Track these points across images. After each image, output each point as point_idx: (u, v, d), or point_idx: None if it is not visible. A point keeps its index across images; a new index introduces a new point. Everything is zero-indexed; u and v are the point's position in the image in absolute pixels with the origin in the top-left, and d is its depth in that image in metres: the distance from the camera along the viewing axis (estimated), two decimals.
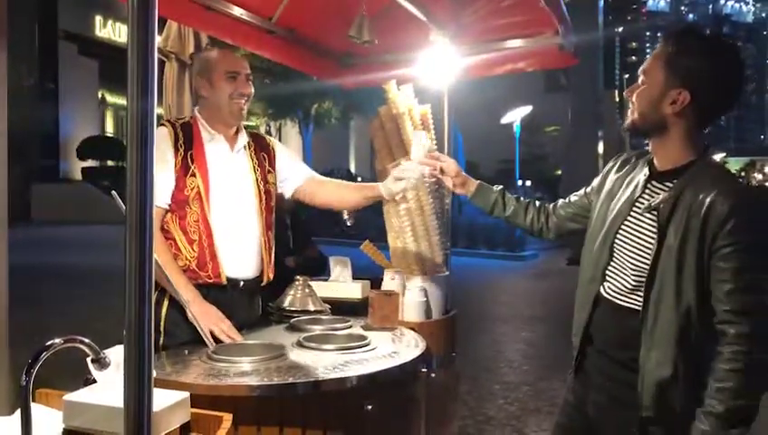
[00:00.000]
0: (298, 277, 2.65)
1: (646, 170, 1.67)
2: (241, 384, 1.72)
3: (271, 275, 2.44)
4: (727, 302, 1.46)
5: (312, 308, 2.56)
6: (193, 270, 2.23)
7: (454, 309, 2.79)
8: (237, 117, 2.33)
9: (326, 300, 2.69)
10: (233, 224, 2.29)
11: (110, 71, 23.47)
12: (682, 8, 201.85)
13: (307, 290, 2.61)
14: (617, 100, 35.41)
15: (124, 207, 0.97)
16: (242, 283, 2.33)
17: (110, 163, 22.13)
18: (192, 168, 2.23)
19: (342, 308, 2.70)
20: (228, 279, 2.28)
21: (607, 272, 1.70)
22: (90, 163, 22.28)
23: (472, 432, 4.13)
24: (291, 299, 2.58)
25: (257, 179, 2.39)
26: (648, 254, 1.58)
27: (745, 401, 1.45)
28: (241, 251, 2.32)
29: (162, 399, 1.33)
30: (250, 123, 25.04)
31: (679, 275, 1.52)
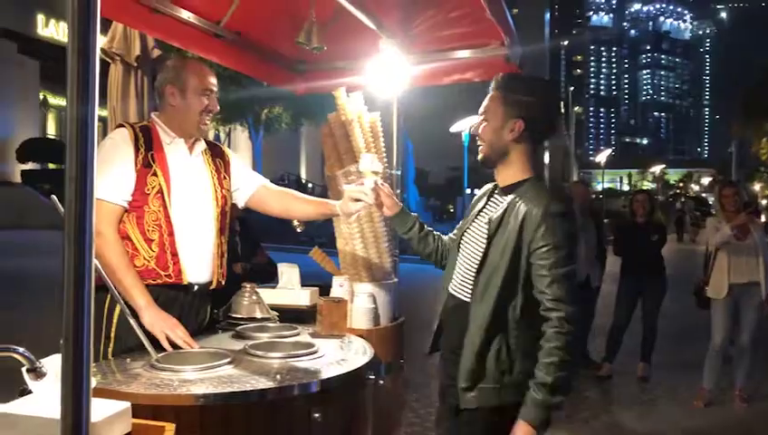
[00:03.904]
0: (245, 284, 2.62)
1: (491, 186, 2.06)
2: (184, 394, 1.68)
3: (222, 281, 2.42)
4: (548, 292, 1.77)
5: (259, 315, 2.54)
6: (152, 269, 2.19)
7: (402, 316, 2.80)
8: (202, 132, 2.36)
9: (274, 307, 2.66)
10: (191, 225, 2.26)
11: (53, 71, 22.69)
12: (624, 24, 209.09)
13: (254, 297, 2.59)
14: (562, 111, 36.30)
15: (63, 211, 0.94)
16: (195, 286, 2.30)
17: (51, 166, 21.39)
18: (153, 166, 2.21)
19: (291, 315, 2.68)
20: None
21: (455, 270, 2.02)
22: (30, 166, 21.48)
23: None
24: (238, 306, 2.55)
25: (215, 184, 2.38)
26: (479, 252, 1.90)
27: (567, 371, 1.74)
28: (197, 254, 2.29)
29: (101, 409, 1.29)
30: None
31: (500, 270, 1.83)
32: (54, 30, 24.01)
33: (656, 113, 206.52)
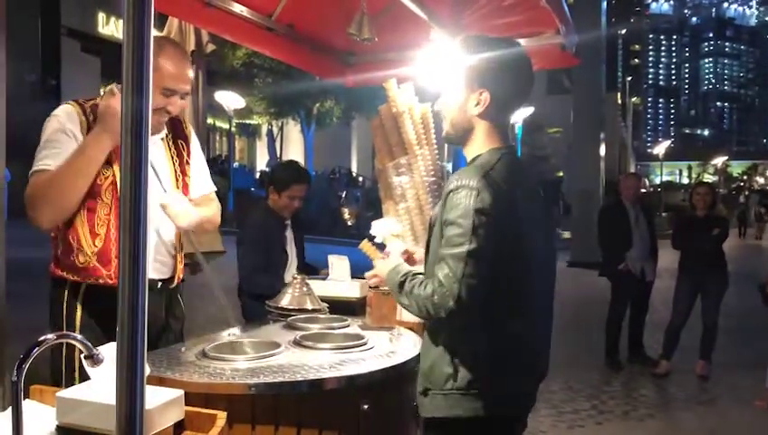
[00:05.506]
0: (296, 275, 2.64)
1: None
2: (236, 383, 1.71)
3: (181, 276, 2.25)
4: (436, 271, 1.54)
5: (309, 307, 2.56)
6: (94, 267, 1.98)
7: None
8: (155, 129, 2.09)
9: (324, 299, 2.68)
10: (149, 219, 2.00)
11: (113, 68, 23.37)
12: (685, 11, 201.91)
13: (305, 288, 2.61)
14: (619, 102, 35.37)
15: None
16: (159, 283, 2.12)
17: None
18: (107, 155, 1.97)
19: (340, 307, 2.69)
20: None
21: None
22: None
23: None
24: (288, 297, 2.57)
25: (176, 172, 2.18)
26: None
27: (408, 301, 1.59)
28: (155, 250, 2.09)
29: (155, 396, 1.32)
30: (251, 122, 24.96)
31: (433, 255, 1.62)
32: (114, 28, 24.70)
33: (718, 103, 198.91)
